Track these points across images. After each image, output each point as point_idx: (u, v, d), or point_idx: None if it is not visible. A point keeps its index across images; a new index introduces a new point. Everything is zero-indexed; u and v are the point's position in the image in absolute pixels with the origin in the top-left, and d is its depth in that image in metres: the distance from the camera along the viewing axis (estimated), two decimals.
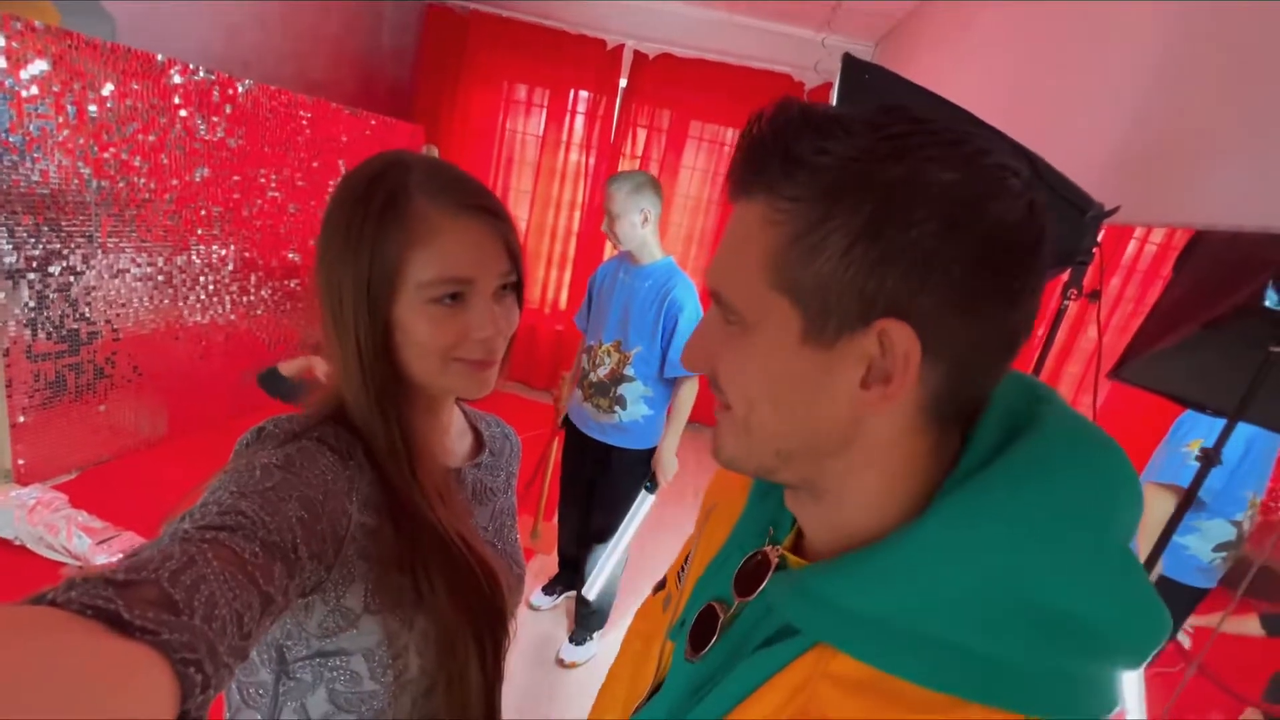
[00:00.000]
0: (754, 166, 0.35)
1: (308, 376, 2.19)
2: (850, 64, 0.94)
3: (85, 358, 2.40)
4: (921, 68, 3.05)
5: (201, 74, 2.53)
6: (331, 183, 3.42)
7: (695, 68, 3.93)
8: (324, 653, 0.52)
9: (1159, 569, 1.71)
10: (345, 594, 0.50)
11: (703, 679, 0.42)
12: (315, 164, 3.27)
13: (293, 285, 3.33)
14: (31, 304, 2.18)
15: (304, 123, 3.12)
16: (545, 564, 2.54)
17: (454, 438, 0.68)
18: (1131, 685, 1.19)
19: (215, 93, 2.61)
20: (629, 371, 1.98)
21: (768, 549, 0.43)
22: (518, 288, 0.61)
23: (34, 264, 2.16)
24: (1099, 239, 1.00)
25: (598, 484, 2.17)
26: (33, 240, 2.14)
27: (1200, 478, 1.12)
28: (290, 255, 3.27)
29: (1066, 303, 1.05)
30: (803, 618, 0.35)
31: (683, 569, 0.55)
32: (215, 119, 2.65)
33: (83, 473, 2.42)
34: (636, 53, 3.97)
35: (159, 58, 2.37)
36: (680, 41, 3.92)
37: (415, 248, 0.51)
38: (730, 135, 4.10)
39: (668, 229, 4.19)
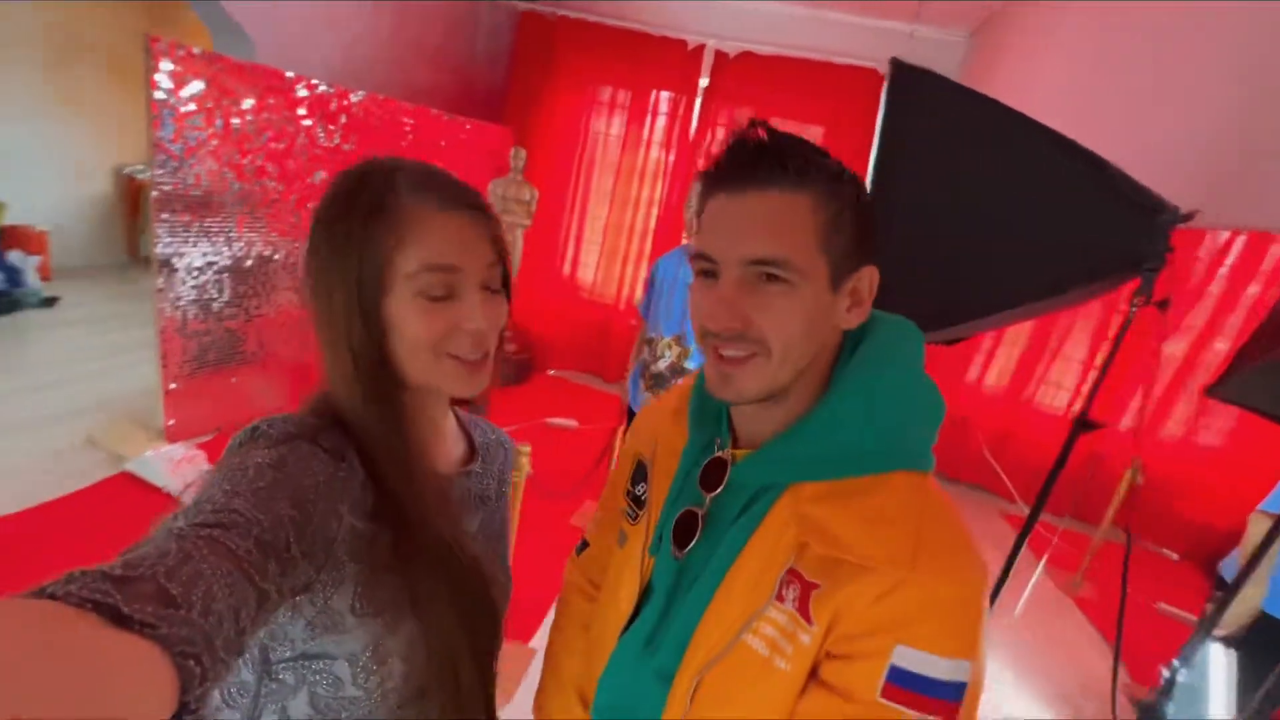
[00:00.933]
0: (787, 163, 0.49)
1: None
2: (898, 69, 0.95)
3: (222, 336, 2.78)
4: (1013, 61, 2.87)
5: (322, 87, 2.84)
6: None
7: (777, 65, 3.90)
8: (308, 655, 0.51)
9: (1256, 601, 1.55)
10: (333, 596, 0.50)
11: (694, 566, 0.55)
12: None
13: None
14: (184, 289, 2.57)
15: (406, 129, 3.41)
16: None
17: (447, 443, 0.67)
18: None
19: (333, 103, 2.93)
20: (689, 365, 2.04)
21: (722, 454, 0.58)
22: (505, 286, 0.61)
23: (186, 255, 2.54)
24: (1170, 244, 0.95)
25: None
26: (185, 234, 2.51)
27: None
28: None
29: (1133, 310, 1.01)
30: (776, 473, 0.53)
31: (632, 515, 0.67)
32: (332, 127, 2.96)
33: (219, 433, 2.82)
34: (718, 52, 4.00)
35: (289, 74, 2.69)
36: (762, 39, 3.90)
37: (402, 244, 0.52)
38: (814, 133, 4.03)
39: None
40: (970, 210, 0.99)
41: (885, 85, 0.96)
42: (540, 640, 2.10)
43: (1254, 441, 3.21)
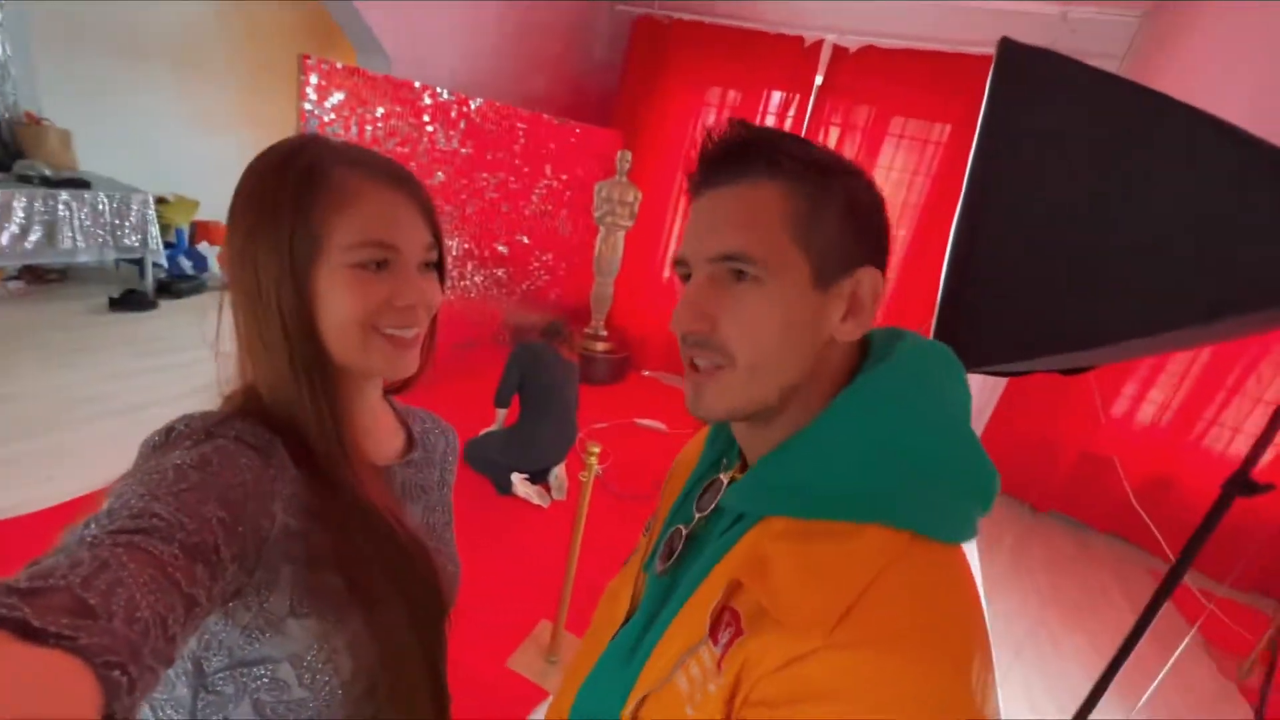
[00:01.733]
0: (750, 156, 0.45)
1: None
2: (1008, 49, 0.81)
3: None
4: (1200, 47, 2.42)
5: (445, 95, 3.06)
6: (540, 185, 3.88)
7: (901, 58, 3.61)
8: (246, 661, 0.48)
9: None
10: (269, 598, 0.48)
11: (673, 585, 0.52)
12: (526, 169, 3.73)
13: (499, 273, 3.86)
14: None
15: (520, 133, 3.58)
16: None
17: (384, 434, 0.65)
18: None
19: (453, 110, 3.14)
20: None
21: (721, 475, 0.55)
22: (439, 267, 0.59)
23: None
24: None
25: None
26: None
27: None
28: (499, 247, 3.78)
29: None
30: (748, 502, 0.47)
31: (649, 529, 0.65)
32: (452, 132, 3.18)
33: None
34: (836, 47, 3.78)
35: (416, 84, 2.92)
36: (887, 31, 3.63)
37: (338, 212, 0.50)
38: (940, 131, 3.69)
39: None
40: (1101, 216, 0.83)
41: (991, 69, 0.83)
42: None
43: None
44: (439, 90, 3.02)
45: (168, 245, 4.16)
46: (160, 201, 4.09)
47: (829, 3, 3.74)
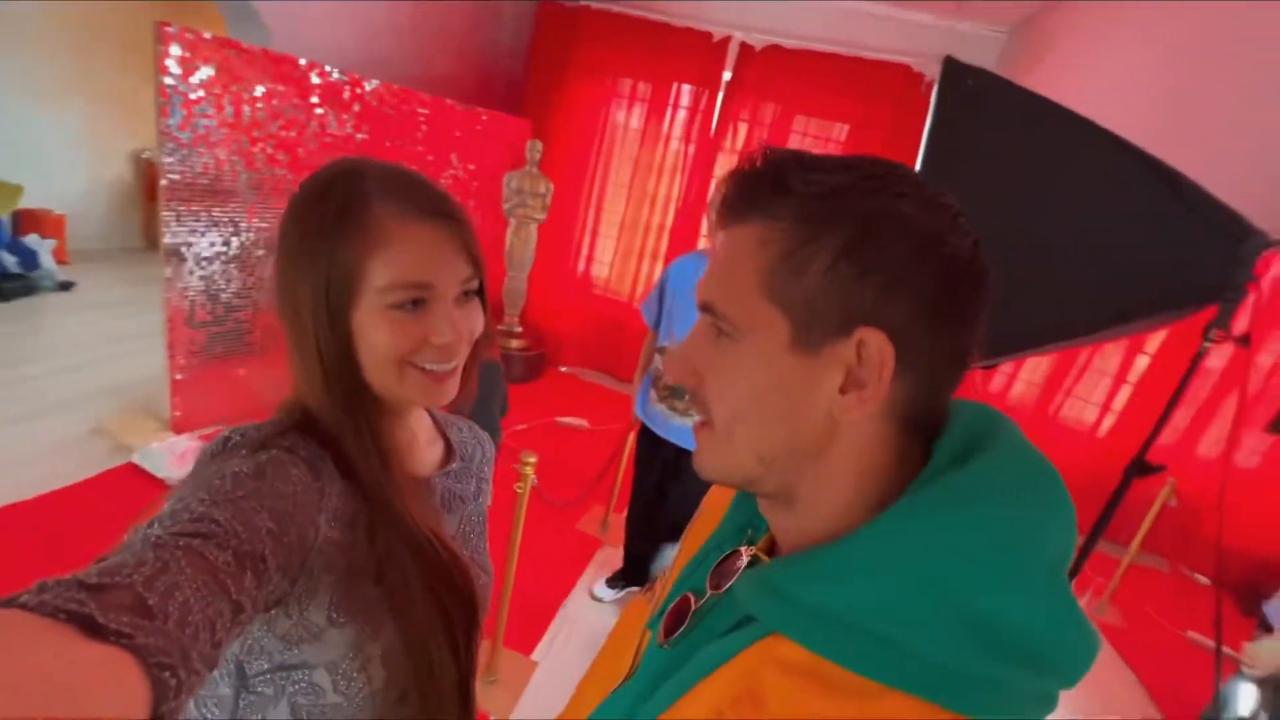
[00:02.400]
0: (747, 194, 0.39)
1: None
2: (951, 68, 0.85)
3: (230, 327, 2.74)
4: (1059, 62, 2.72)
5: (335, 75, 2.78)
6: (446, 174, 3.65)
7: (805, 59, 3.76)
8: (285, 666, 0.51)
9: None
10: (309, 607, 0.50)
11: (671, 664, 0.45)
12: (430, 157, 3.50)
13: None
14: (192, 279, 2.53)
15: (421, 119, 3.34)
16: (612, 555, 2.59)
17: (423, 446, 0.66)
18: None
19: (346, 91, 2.86)
20: None
21: (743, 549, 0.47)
22: (481, 293, 0.59)
23: (194, 245, 2.49)
24: (1254, 273, 0.84)
25: (669, 485, 2.17)
26: (194, 223, 2.47)
27: None
28: None
29: (1206, 344, 0.90)
30: (758, 606, 0.38)
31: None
32: (345, 116, 2.90)
33: (224, 425, 2.79)
34: (743, 44, 3.87)
35: (302, 62, 2.63)
36: (790, 32, 3.77)
37: (373, 253, 0.50)
38: (839, 130, 3.90)
39: None
40: (1028, 228, 0.89)
41: (936, 86, 0.86)
42: (542, 653, 2.04)
43: None
44: (329, 69, 2.74)
45: None
46: None
47: (735, 1, 3.82)
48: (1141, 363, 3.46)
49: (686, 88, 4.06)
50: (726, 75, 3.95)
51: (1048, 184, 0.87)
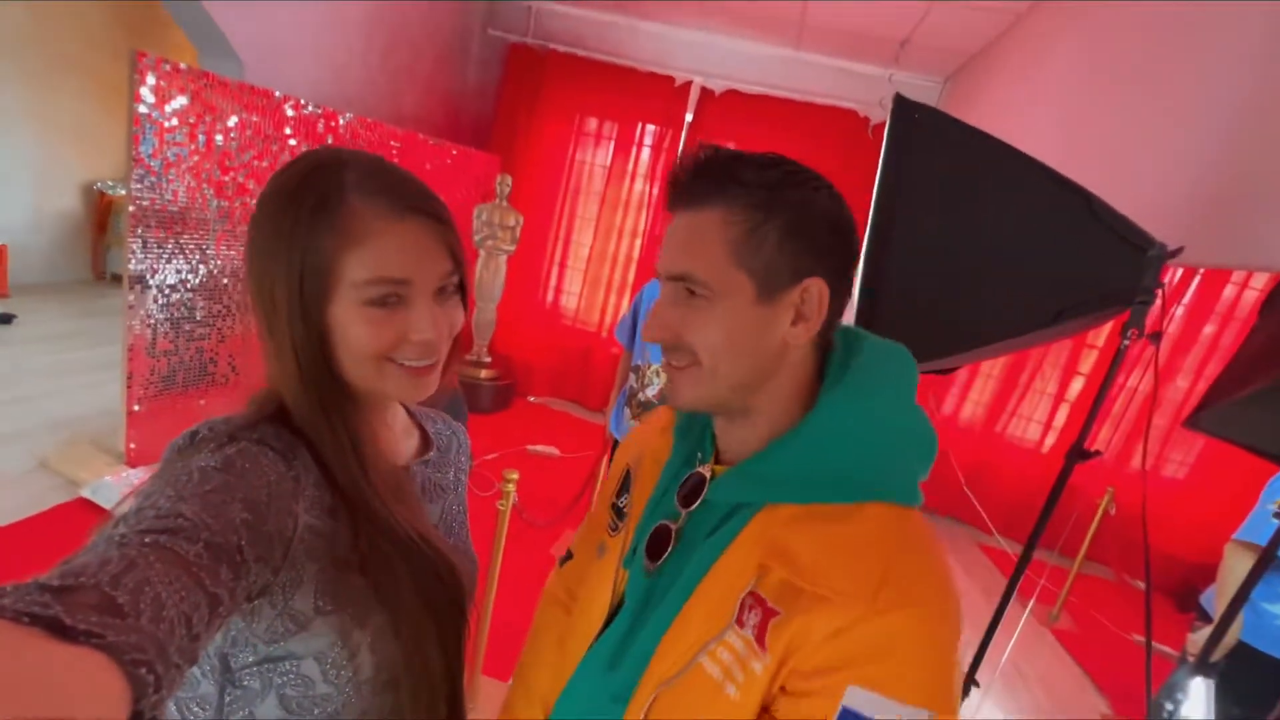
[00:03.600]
0: (705, 183, 0.51)
1: None
2: (901, 104, 0.98)
3: (192, 356, 2.68)
4: (991, 105, 3.01)
5: (310, 108, 2.83)
6: None
7: (760, 103, 4.02)
8: (272, 658, 0.50)
9: (1238, 631, 1.58)
10: (294, 597, 0.49)
11: (662, 583, 0.54)
12: None
13: None
14: (155, 307, 2.47)
15: (394, 152, 3.40)
16: None
17: (400, 437, 0.65)
18: None
19: (320, 124, 2.91)
20: None
21: (701, 469, 0.58)
22: (461, 288, 0.58)
23: (159, 272, 2.45)
24: (1161, 279, 0.99)
25: None
26: (160, 251, 2.44)
27: (1278, 536, 1.05)
28: None
29: (1125, 342, 1.03)
30: (750, 492, 0.52)
31: (614, 526, 0.66)
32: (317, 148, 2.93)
33: None
34: (703, 89, 4.11)
35: (277, 94, 2.67)
36: (746, 78, 4.03)
37: (349, 248, 0.48)
38: None
39: None
40: (969, 244, 1.02)
41: (888, 120, 0.99)
42: None
43: (1216, 473, 3.32)
44: (303, 102, 2.79)
45: None
46: None
47: (694, 48, 4.07)
48: (1078, 384, 3.73)
49: (651, 127, 4.26)
50: (689, 116, 4.17)
51: (985, 205, 1.00)
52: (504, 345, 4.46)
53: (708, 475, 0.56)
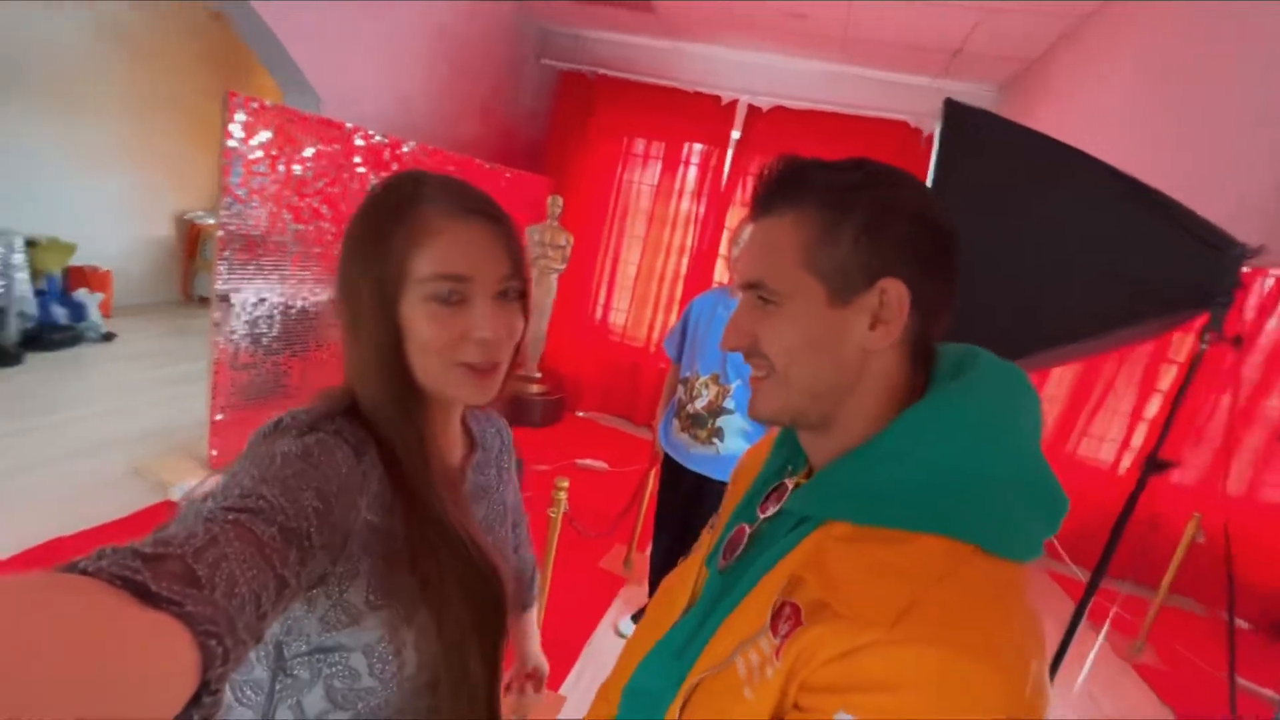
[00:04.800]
0: (776, 191, 0.51)
1: None
2: (953, 109, 0.98)
3: (269, 371, 2.87)
4: (1051, 110, 2.91)
5: (377, 138, 3.02)
6: None
7: (809, 118, 4.02)
8: (323, 649, 0.52)
9: None
10: (348, 589, 0.51)
11: (730, 582, 0.54)
12: None
13: None
14: (238, 324, 2.68)
15: (452, 176, 3.57)
16: (636, 593, 2.58)
17: (455, 441, 0.68)
18: None
19: (386, 152, 3.09)
20: (728, 404, 2.03)
21: (787, 479, 0.58)
22: (523, 296, 0.61)
23: (241, 291, 2.65)
24: (1240, 279, 0.94)
25: (692, 515, 2.20)
26: (243, 272, 2.64)
27: None
28: None
29: (1204, 346, 0.98)
30: (811, 504, 0.49)
31: (712, 526, 0.68)
32: (383, 174, 3.12)
33: None
34: (750, 106, 4.15)
35: (348, 125, 2.87)
36: (793, 94, 4.05)
37: (417, 246, 0.53)
38: None
39: None
40: (1031, 247, 1.00)
41: (939, 125, 0.99)
42: (569, 688, 2.03)
43: None
44: (371, 132, 2.98)
45: (38, 293, 3.70)
46: (31, 244, 3.65)
47: (740, 67, 4.12)
48: (1157, 402, 3.50)
49: (697, 146, 4.32)
50: (735, 134, 4.20)
51: (1048, 207, 0.98)
52: (554, 361, 4.56)
53: (790, 486, 0.56)
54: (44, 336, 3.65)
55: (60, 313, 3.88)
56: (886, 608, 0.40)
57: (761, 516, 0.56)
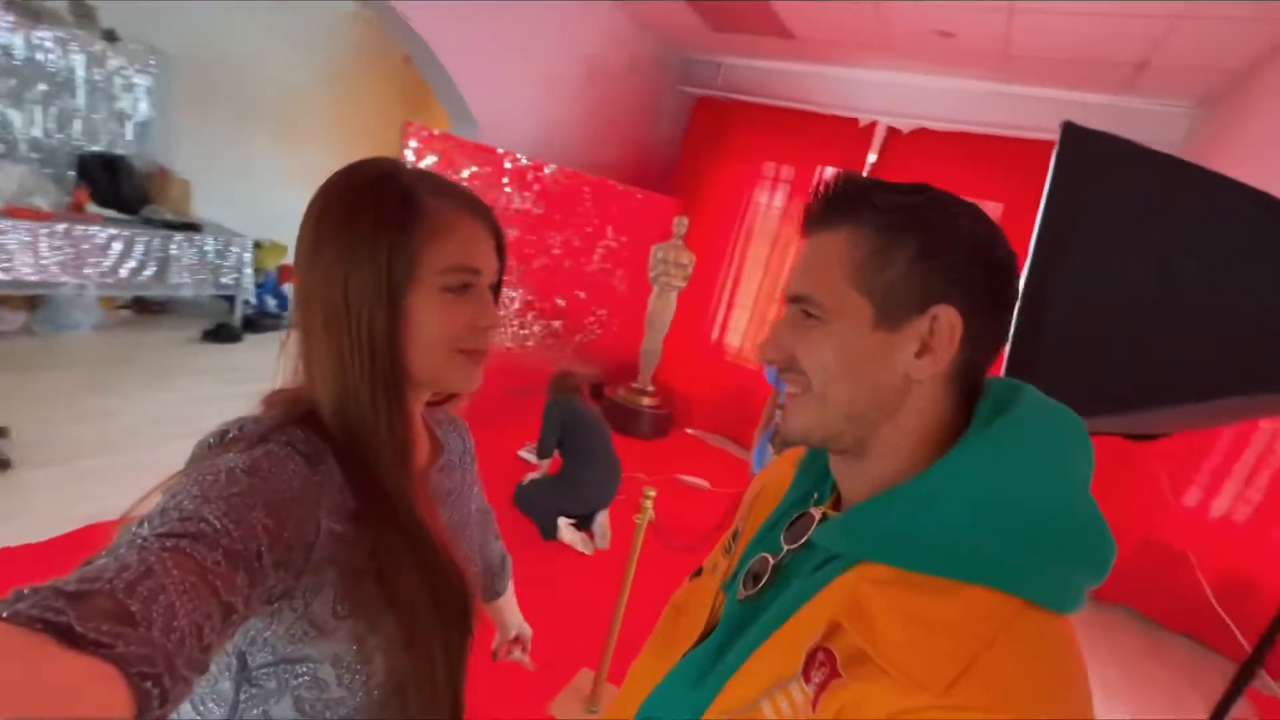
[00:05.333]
0: (835, 207, 0.50)
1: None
2: (1072, 133, 0.90)
3: None
4: (1260, 132, 2.47)
5: (523, 160, 3.34)
6: (601, 245, 4.10)
7: (957, 141, 3.76)
8: (289, 659, 0.50)
9: None
10: (314, 601, 0.49)
11: (752, 613, 0.52)
12: (589, 229, 3.97)
13: (556, 325, 4.04)
14: None
15: (586, 196, 3.84)
16: None
17: (421, 443, 0.66)
18: None
19: (529, 174, 3.42)
20: None
21: (812, 510, 0.55)
22: (497, 288, 0.63)
23: None
24: None
25: None
26: None
27: None
28: (558, 301, 3.98)
29: None
30: (846, 543, 0.47)
31: (729, 548, 0.66)
32: (526, 194, 3.45)
33: None
34: (890, 128, 3.97)
35: (499, 150, 3.22)
36: (939, 115, 3.81)
37: (433, 239, 0.53)
38: (993, 209, 3.77)
39: None
40: (1164, 289, 0.88)
41: (1055, 151, 0.92)
42: None
43: None
44: (518, 156, 3.31)
45: (257, 285, 4.55)
46: (257, 246, 4.50)
47: (881, 88, 3.97)
48: None
49: (830, 170, 4.22)
50: (871, 158, 4.05)
51: (1191, 243, 0.86)
52: (667, 376, 4.66)
53: (817, 517, 0.54)
54: (259, 320, 4.47)
55: (271, 302, 4.73)
56: (940, 671, 0.37)
57: (786, 548, 0.54)
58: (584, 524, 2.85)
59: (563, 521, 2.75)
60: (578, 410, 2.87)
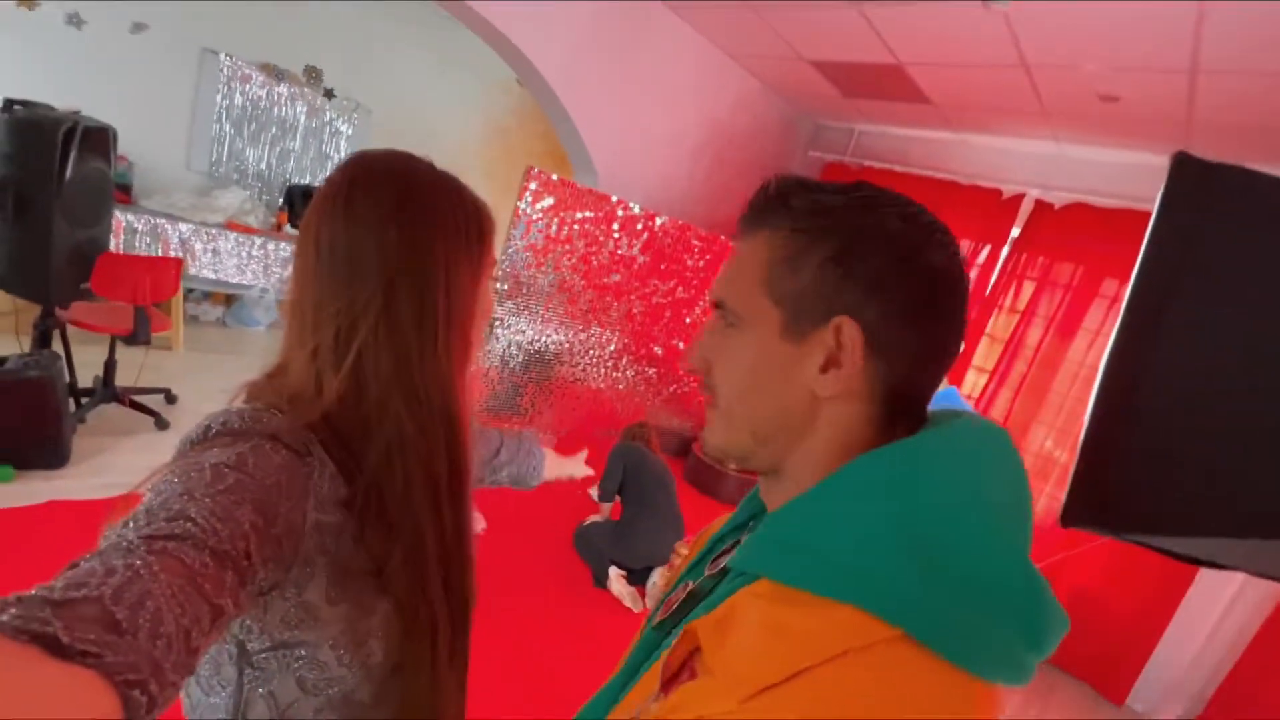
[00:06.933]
0: (758, 212, 0.47)
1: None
2: (1185, 165, 0.72)
3: (508, 389, 3.43)
4: None
5: (635, 209, 3.47)
6: (703, 300, 4.09)
7: (1119, 218, 3.28)
8: (286, 644, 0.50)
9: None
10: (305, 589, 0.49)
11: (658, 640, 0.50)
12: (696, 282, 3.99)
13: (650, 373, 4.04)
14: (496, 346, 3.29)
15: (695, 249, 3.87)
16: None
17: None
18: None
19: (640, 223, 3.53)
20: None
21: (745, 535, 0.51)
22: None
23: (504, 322, 3.27)
24: None
25: None
26: (510, 305, 3.26)
27: None
28: (655, 348, 4.00)
29: None
30: (744, 560, 0.44)
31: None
32: (634, 241, 3.56)
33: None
34: (1039, 201, 3.58)
35: (613, 198, 3.37)
36: (1100, 189, 3.36)
37: (490, 234, 0.62)
38: None
39: (1048, 393, 3.46)
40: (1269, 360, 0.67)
41: (1163, 188, 0.74)
42: None
43: None
44: (631, 205, 3.44)
45: None
46: None
47: (1032, 159, 3.62)
48: None
49: (964, 243, 3.88)
50: (1015, 231, 3.67)
51: None
52: None
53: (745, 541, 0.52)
54: None
55: None
56: (761, 674, 0.34)
57: (707, 573, 0.52)
58: (638, 579, 2.72)
59: (614, 571, 2.65)
60: (643, 458, 2.80)
